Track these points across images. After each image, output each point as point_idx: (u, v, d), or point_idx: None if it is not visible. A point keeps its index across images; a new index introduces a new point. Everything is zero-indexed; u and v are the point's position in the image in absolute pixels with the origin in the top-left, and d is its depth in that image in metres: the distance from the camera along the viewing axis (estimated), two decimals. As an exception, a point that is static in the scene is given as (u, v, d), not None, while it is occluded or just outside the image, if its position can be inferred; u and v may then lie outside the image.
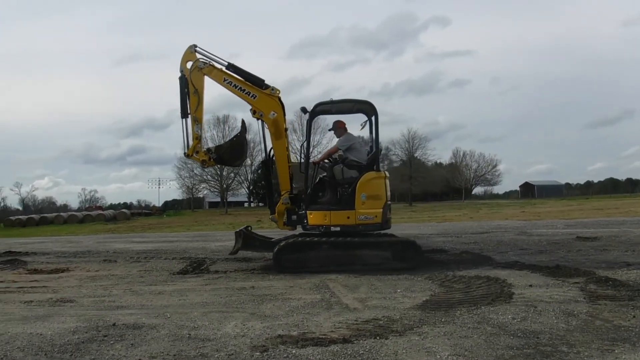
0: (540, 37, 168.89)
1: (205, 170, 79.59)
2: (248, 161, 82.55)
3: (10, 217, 72.45)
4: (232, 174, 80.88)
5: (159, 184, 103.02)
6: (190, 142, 10.95)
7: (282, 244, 10.20)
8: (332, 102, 10.72)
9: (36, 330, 5.88)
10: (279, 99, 10.64)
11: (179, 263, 11.80)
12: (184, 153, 11.11)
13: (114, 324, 6.02)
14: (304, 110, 10.53)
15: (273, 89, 10.60)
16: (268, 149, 10.97)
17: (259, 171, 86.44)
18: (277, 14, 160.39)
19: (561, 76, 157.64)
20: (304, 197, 10.61)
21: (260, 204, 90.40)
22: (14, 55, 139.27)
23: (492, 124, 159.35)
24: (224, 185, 79.19)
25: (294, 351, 4.74)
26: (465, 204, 64.04)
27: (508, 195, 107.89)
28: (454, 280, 8.32)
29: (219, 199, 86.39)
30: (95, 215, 66.60)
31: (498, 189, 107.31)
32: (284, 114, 10.77)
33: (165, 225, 42.80)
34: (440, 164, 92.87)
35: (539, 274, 8.61)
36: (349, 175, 10.36)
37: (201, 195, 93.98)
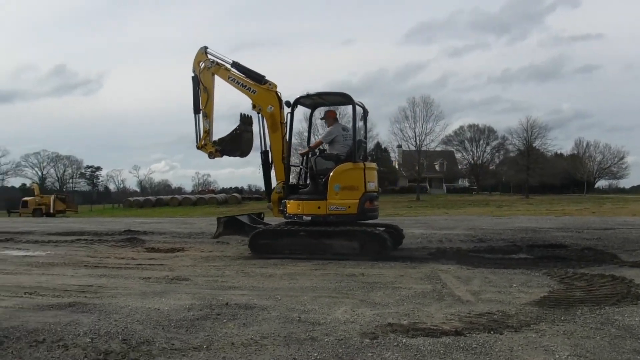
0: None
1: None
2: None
3: (129, 198, 77.68)
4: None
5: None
6: (201, 136, 12.03)
7: (256, 231, 11.04)
8: (309, 96, 11.39)
9: (154, 306, 6.30)
10: (276, 93, 11.38)
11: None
12: (196, 145, 12.12)
13: (226, 304, 6.33)
14: (287, 103, 11.20)
15: (270, 84, 11.39)
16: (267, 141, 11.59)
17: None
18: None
19: None
20: (285, 187, 11.31)
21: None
22: (136, 44, 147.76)
23: (622, 112, 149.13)
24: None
25: (404, 340, 4.77)
26: (587, 198, 60.67)
27: (636, 189, 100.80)
28: (574, 277, 7.96)
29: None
30: (208, 198, 69.79)
31: (624, 183, 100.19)
32: (281, 108, 11.37)
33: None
34: (561, 154, 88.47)
35: (673, 275, 8.07)
36: (324, 166, 10.89)
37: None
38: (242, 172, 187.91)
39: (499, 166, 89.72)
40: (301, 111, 11.94)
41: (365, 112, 11.75)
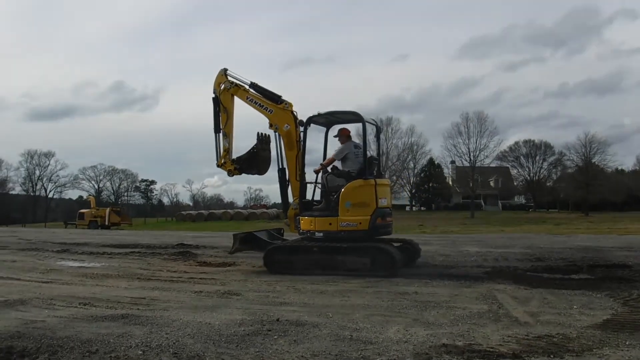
0: None
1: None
2: (411, 164, 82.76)
3: (182, 212, 79.03)
4: (394, 177, 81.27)
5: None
6: (221, 154, 12.53)
7: (270, 247, 11.29)
8: (320, 115, 11.55)
9: (205, 320, 6.34)
10: (292, 112, 11.70)
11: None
12: (216, 163, 12.64)
13: (277, 319, 6.31)
14: (300, 122, 11.48)
15: (286, 103, 11.73)
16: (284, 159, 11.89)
17: (421, 174, 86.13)
18: (448, 13, 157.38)
19: None
20: (300, 204, 11.51)
21: (423, 208, 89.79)
22: (191, 61, 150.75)
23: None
24: (386, 188, 79.56)
25: (459, 362, 4.66)
26: (652, 216, 58.49)
27: None
28: (639, 299, 7.64)
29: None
30: (259, 213, 70.44)
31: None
32: (297, 127, 11.64)
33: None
34: (622, 170, 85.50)
35: None
36: (336, 183, 11.08)
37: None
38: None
39: (556, 183, 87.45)
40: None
41: (379, 130, 12.06)
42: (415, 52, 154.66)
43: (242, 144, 12.82)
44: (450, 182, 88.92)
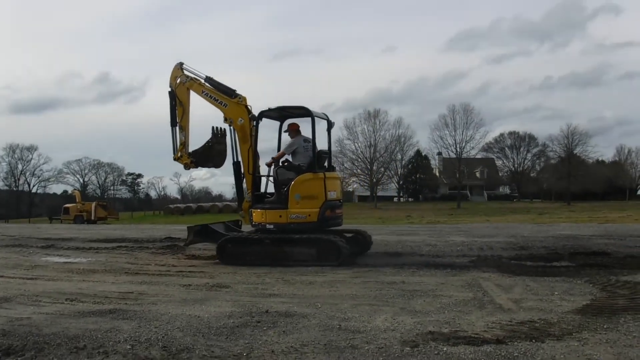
0: None
1: (355, 164, 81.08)
2: (399, 156, 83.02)
3: (170, 206, 78.83)
4: (382, 169, 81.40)
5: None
6: (177, 148, 12.75)
7: (223, 239, 11.55)
8: (270, 110, 11.87)
9: (194, 313, 6.37)
10: (246, 106, 11.90)
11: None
12: (173, 157, 12.85)
13: (266, 311, 6.36)
14: (252, 117, 11.69)
15: (240, 97, 11.94)
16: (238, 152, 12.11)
17: (409, 166, 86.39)
18: (436, 6, 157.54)
19: None
20: (252, 197, 11.81)
21: (410, 199, 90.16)
22: (178, 52, 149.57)
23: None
24: (374, 180, 79.87)
25: (445, 348, 4.73)
26: (630, 205, 59.22)
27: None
28: (617, 285, 7.79)
29: (368, 193, 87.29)
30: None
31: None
32: (250, 120, 11.80)
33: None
34: (603, 161, 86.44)
35: None
36: (286, 177, 11.33)
37: (351, 189, 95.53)
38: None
39: (540, 173, 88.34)
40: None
41: (330, 124, 12.06)
42: (403, 44, 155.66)
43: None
44: (437, 174, 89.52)
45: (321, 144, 11.72)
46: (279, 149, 12.26)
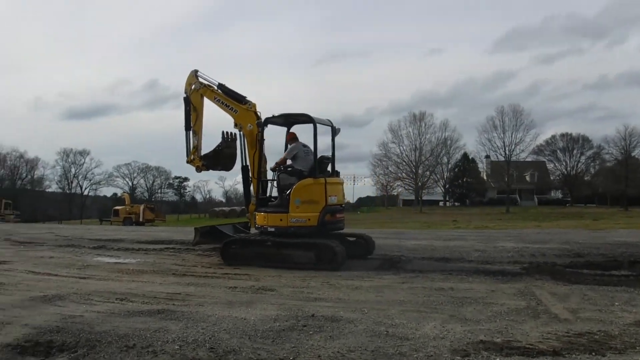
0: None
1: (400, 167, 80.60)
2: (445, 159, 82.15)
3: (215, 208, 79.61)
4: (428, 172, 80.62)
5: (354, 180, 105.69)
6: (190, 151, 13.34)
7: (226, 240, 12.06)
8: (274, 117, 12.17)
9: (240, 315, 6.38)
10: (255, 113, 12.43)
11: (374, 259, 12.01)
12: (186, 160, 13.47)
13: (312, 315, 6.33)
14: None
15: (250, 104, 12.49)
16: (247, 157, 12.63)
17: (455, 169, 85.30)
18: (484, 6, 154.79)
19: None
20: (256, 200, 12.30)
21: (456, 204, 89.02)
22: (226, 58, 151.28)
23: None
24: (419, 183, 79.20)
25: (497, 359, 4.61)
26: (696, 211, 57.07)
27: None
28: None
29: (413, 197, 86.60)
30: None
31: None
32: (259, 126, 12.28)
33: (359, 221, 43.86)
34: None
35: None
36: (288, 182, 11.65)
37: (395, 193, 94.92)
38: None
39: (594, 177, 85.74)
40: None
41: (334, 130, 12.33)
42: (449, 46, 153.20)
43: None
44: (485, 177, 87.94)
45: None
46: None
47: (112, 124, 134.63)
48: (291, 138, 12.36)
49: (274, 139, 13.14)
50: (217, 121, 13.82)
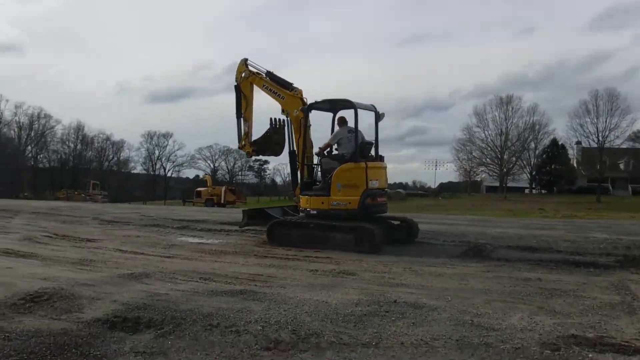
0: None
1: (485, 153, 78.90)
2: (532, 145, 79.69)
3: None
4: (514, 158, 78.50)
5: (436, 165, 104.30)
6: (242, 137, 13.99)
7: (272, 222, 12.60)
8: (317, 103, 12.74)
9: (322, 298, 6.42)
10: (302, 99, 12.91)
11: (457, 246, 11.83)
12: (237, 146, 14.34)
13: (395, 301, 6.29)
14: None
15: (296, 90, 13.02)
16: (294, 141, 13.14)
17: (543, 156, 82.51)
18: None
19: None
20: (301, 184, 12.89)
21: (543, 191, 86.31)
22: (305, 41, 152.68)
23: None
24: (504, 170, 77.29)
25: (590, 355, 4.44)
26: None
27: None
28: None
29: (497, 184, 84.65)
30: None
31: None
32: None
33: (440, 207, 43.43)
34: None
35: None
36: (330, 166, 12.13)
37: (479, 179, 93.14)
38: (407, 168, 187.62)
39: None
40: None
41: (377, 116, 12.62)
42: (541, 25, 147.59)
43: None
44: (575, 164, 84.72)
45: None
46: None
47: (194, 107, 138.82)
48: (340, 121, 12.73)
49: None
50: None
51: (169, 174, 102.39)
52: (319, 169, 12.77)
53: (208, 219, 19.01)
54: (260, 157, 14.47)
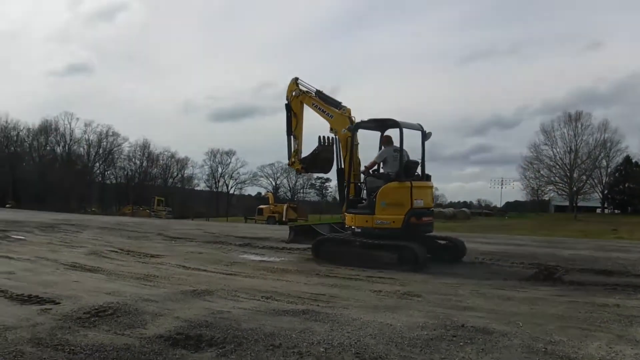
0: None
1: (553, 171, 76.88)
2: (604, 162, 77.13)
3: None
4: (584, 177, 76.19)
5: (502, 184, 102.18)
6: (292, 155, 14.46)
7: (318, 238, 13.03)
8: (364, 122, 12.92)
9: (386, 320, 6.26)
10: (349, 117, 13.15)
11: (527, 268, 11.45)
12: (287, 163, 14.85)
13: (462, 325, 6.07)
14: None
15: (344, 109, 13.28)
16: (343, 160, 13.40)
17: (616, 174, 79.68)
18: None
19: None
20: (347, 202, 12.95)
21: (616, 211, 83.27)
22: (366, 59, 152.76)
23: None
24: (574, 188, 75.03)
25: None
26: None
27: None
28: None
29: (566, 203, 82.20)
30: (435, 212, 69.65)
31: None
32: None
33: (507, 227, 42.37)
34: None
35: None
36: (375, 185, 12.23)
37: (547, 198, 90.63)
38: (472, 186, 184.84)
39: None
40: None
41: (424, 135, 12.63)
42: (611, 38, 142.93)
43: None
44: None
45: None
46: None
47: (257, 125, 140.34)
48: (386, 141, 12.90)
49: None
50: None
51: (231, 191, 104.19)
52: (365, 187, 12.87)
53: (270, 237, 19.08)
54: (310, 174, 14.73)
